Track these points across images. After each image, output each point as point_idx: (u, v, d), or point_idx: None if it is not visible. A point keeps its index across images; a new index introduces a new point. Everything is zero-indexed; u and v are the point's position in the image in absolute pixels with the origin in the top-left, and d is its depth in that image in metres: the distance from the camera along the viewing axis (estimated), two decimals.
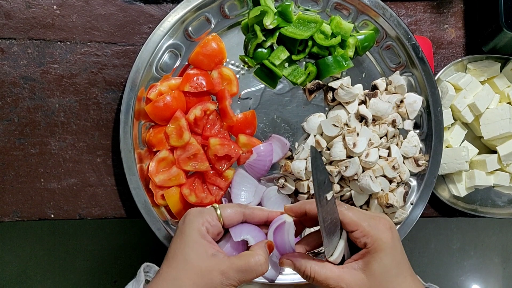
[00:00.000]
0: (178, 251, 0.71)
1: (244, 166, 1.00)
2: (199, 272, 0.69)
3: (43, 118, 0.99)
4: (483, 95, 1.05)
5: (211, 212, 0.75)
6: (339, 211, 0.74)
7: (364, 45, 1.01)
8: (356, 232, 0.73)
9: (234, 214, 0.77)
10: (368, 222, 0.72)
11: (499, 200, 1.12)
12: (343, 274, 0.73)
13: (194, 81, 0.96)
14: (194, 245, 0.71)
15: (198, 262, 0.70)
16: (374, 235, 0.71)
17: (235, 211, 0.77)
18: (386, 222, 0.74)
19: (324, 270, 0.73)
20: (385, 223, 0.73)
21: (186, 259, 0.70)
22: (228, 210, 0.77)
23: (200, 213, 0.74)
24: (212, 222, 0.74)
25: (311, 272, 0.74)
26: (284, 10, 0.96)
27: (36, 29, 0.99)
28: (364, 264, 0.72)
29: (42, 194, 1.00)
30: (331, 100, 1.01)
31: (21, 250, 2.12)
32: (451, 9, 1.11)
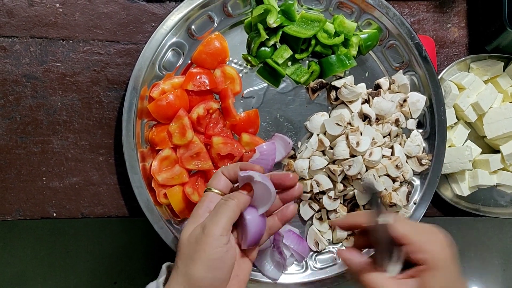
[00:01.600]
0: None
1: None
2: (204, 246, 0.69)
3: (45, 117, 0.99)
4: (487, 94, 1.05)
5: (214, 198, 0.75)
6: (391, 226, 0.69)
7: (367, 44, 1.01)
8: (408, 247, 0.68)
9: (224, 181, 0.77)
10: (420, 237, 0.68)
11: (502, 200, 1.12)
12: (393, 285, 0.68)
13: (197, 79, 0.96)
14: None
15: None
16: (432, 252, 0.67)
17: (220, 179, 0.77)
18: (444, 238, 0.69)
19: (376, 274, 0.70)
20: (443, 239, 0.69)
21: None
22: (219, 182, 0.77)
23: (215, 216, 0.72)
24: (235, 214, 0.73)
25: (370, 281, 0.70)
26: (287, 8, 0.96)
27: (39, 27, 0.98)
28: (421, 283, 0.66)
29: (44, 193, 0.99)
30: (334, 99, 1.01)
31: (21, 250, 2.11)
32: (454, 8, 1.11)
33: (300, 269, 1.02)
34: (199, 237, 0.69)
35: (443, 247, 0.68)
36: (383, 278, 0.69)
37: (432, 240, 0.68)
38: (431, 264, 0.66)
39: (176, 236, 0.95)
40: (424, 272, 0.67)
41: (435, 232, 0.70)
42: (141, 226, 2.10)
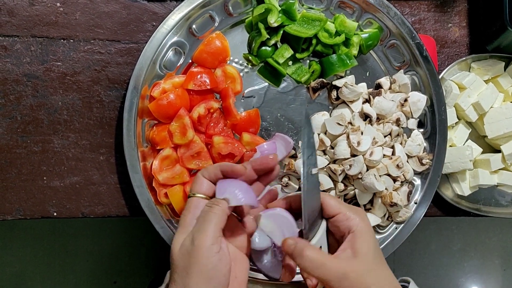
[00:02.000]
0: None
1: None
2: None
3: (46, 116, 0.99)
4: (487, 94, 1.05)
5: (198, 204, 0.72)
6: (322, 197, 0.75)
7: (368, 44, 1.01)
8: (338, 216, 0.74)
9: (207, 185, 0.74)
10: (348, 208, 0.74)
11: (503, 200, 1.12)
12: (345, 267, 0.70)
13: (197, 79, 0.96)
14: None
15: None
16: (358, 218, 0.73)
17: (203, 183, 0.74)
18: (362, 211, 0.76)
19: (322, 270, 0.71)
20: (362, 211, 0.75)
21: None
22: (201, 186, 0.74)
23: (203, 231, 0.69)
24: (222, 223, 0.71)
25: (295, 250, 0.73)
26: (288, 8, 0.96)
27: (39, 26, 0.98)
28: (354, 250, 0.71)
29: (44, 192, 0.99)
30: (335, 99, 1.01)
31: (21, 250, 2.11)
32: (455, 8, 1.11)
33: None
34: (189, 249, 0.68)
35: (364, 217, 0.74)
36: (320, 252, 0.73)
37: (356, 212, 0.74)
38: (358, 230, 0.72)
39: None
40: (354, 238, 0.72)
41: (356, 207, 0.76)
42: (141, 225, 2.10)
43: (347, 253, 0.72)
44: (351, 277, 0.70)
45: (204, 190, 0.74)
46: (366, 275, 0.70)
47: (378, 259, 0.72)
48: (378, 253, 0.73)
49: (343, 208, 0.74)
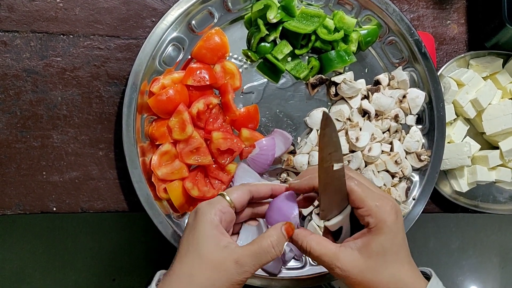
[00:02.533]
0: (191, 247, 0.70)
1: (247, 161, 1.00)
2: (213, 265, 0.69)
3: (45, 111, 0.99)
4: (486, 90, 1.05)
5: (220, 200, 0.75)
6: (348, 185, 0.72)
7: (367, 40, 1.01)
8: (361, 210, 0.71)
9: (242, 195, 0.77)
10: (375, 202, 0.71)
11: (501, 196, 1.12)
12: (338, 252, 0.72)
13: (197, 74, 0.96)
14: (207, 238, 0.70)
15: (211, 255, 0.69)
16: (379, 216, 0.70)
17: (242, 192, 0.77)
18: (393, 205, 0.72)
19: (320, 246, 0.73)
20: (392, 206, 0.72)
21: (199, 254, 0.69)
22: (236, 193, 0.77)
23: (210, 204, 0.74)
24: (224, 209, 0.74)
25: (307, 246, 0.74)
26: (287, 4, 0.96)
27: (39, 22, 0.98)
28: (363, 244, 0.71)
29: (44, 187, 0.99)
30: (334, 95, 1.01)
31: (20, 247, 2.12)
32: (453, 5, 1.11)
33: (299, 264, 1.02)
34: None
35: (390, 214, 0.71)
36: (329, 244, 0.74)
37: (383, 207, 0.71)
38: (377, 227, 0.70)
39: (176, 231, 0.96)
40: (368, 234, 0.71)
41: (387, 200, 0.72)
42: (140, 223, 2.11)
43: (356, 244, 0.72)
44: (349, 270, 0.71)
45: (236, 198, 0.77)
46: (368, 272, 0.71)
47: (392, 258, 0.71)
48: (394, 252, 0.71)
49: (368, 201, 0.71)
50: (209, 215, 0.72)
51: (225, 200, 0.75)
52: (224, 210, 0.74)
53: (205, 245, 0.70)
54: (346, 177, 0.72)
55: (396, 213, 0.72)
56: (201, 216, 0.72)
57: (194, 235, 0.71)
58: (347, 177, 0.72)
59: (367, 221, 0.71)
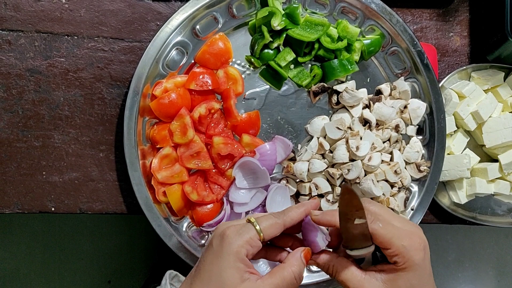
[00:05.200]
0: (214, 276, 0.67)
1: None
2: None
3: (47, 111, 0.99)
4: (487, 103, 1.06)
5: (250, 230, 0.70)
6: (372, 228, 0.69)
7: (370, 50, 1.02)
8: (389, 251, 0.70)
9: (274, 228, 0.71)
10: (402, 242, 0.69)
11: (499, 209, 1.12)
12: (364, 281, 0.71)
13: (199, 79, 0.96)
14: (231, 270, 0.67)
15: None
16: (407, 256, 0.68)
17: (275, 224, 0.72)
18: (421, 242, 0.70)
19: (346, 272, 0.72)
20: (420, 242, 0.70)
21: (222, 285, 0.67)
22: (267, 223, 0.71)
23: (239, 234, 0.69)
24: (253, 243, 0.69)
25: (334, 270, 0.73)
26: (292, 12, 0.97)
27: (44, 22, 0.99)
28: (389, 278, 0.70)
29: (43, 187, 1.00)
30: (335, 103, 1.01)
31: (16, 247, 2.11)
32: (456, 17, 1.12)
33: None
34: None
35: (418, 251, 0.69)
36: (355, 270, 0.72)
37: (411, 245, 0.69)
38: (403, 266, 0.69)
39: (174, 234, 0.96)
40: (395, 271, 0.70)
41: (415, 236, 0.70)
42: (137, 225, 2.10)
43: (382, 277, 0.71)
44: None
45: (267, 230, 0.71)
46: None
47: None
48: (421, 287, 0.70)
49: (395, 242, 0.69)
50: (236, 246, 0.68)
51: (254, 231, 0.70)
52: (253, 244, 0.69)
53: (229, 277, 0.67)
54: (368, 220, 0.70)
55: (424, 249, 0.70)
56: (228, 245, 0.68)
57: (219, 264, 0.67)
58: (370, 221, 0.70)
59: (394, 261, 0.70)
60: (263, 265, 1.00)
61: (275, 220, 0.72)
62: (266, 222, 0.71)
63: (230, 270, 0.67)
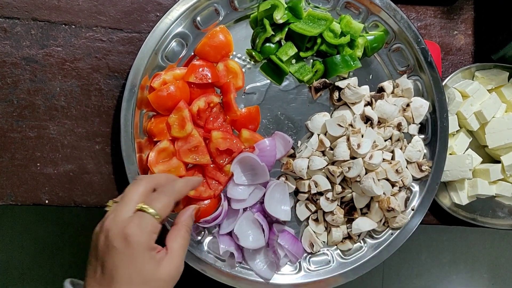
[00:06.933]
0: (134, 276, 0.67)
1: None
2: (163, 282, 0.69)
3: (43, 101, 0.97)
4: (490, 103, 1.04)
5: (149, 219, 0.69)
6: None
7: (373, 46, 1.00)
8: None
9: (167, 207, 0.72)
10: None
11: (500, 211, 1.11)
12: None
13: (199, 72, 0.94)
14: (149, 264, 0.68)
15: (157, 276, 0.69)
16: None
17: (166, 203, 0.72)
18: None
19: None
20: None
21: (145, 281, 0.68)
22: (159, 204, 0.71)
23: (142, 229, 0.68)
24: (156, 229, 0.70)
25: None
26: (294, 5, 0.95)
27: (41, 10, 0.97)
28: None
29: (37, 179, 0.98)
30: (337, 100, 1.00)
31: (8, 239, 2.10)
32: (461, 15, 1.10)
33: (293, 270, 1.00)
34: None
35: None
36: None
37: None
38: None
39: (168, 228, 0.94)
40: None
41: None
42: None
43: None
44: None
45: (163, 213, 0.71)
46: None
47: None
48: None
49: None
50: (145, 241, 0.68)
51: (153, 218, 0.69)
52: (156, 230, 0.70)
53: (149, 270, 0.68)
54: None
55: None
56: (137, 244, 0.67)
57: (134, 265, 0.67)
58: None
59: None
60: (260, 263, 0.98)
61: (167, 200, 0.73)
62: (159, 205, 0.71)
63: (149, 264, 0.68)
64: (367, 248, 1.02)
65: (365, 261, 1.01)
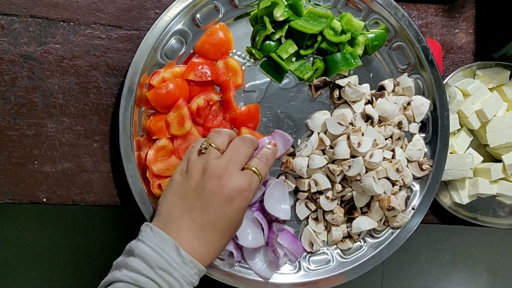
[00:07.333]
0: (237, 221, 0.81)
1: None
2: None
3: (40, 99, 0.96)
4: (491, 102, 1.04)
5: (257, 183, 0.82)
6: None
7: (374, 44, 0.99)
8: None
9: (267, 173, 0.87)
10: None
11: (501, 210, 1.10)
12: None
13: (198, 69, 0.94)
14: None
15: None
16: None
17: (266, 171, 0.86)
18: None
19: None
20: None
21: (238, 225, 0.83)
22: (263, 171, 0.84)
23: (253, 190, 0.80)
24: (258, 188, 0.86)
25: None
26: (295, 3, 0.94)
27: (39, 7, 0.96)
28: None
29: (35, 177, 0.97)
30: (337, 98, 0.99)
31: (6, 238, 2.09)
32: (462, 14, 1.09)
33: (293, 269, 1.00)
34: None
35: None
36: None
37: None
38: None
39: None
40: None
41: None
42: (129, 219, 2.08)
43: None
44: None
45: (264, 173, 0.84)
46: None
47: None
48: None
49: None
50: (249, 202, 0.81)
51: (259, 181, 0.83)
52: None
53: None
54: None
55: None
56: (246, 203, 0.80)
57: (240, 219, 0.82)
58: None
59: None
60: (259, 262, 0.98)
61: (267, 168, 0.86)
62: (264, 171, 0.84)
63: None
64: (367, 247, 1.02)
65: (365, 260, 1.01)
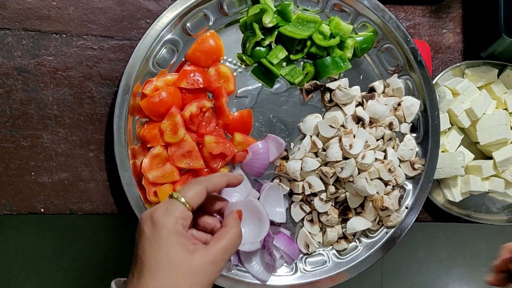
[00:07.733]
0: (162, 260, 0.66)
1: (242, 166, 0.99)
2: (192, 273, 0.66)
3: (35, 111, 0.97)
4: (480, 100, 1.05)
5: (177, 205, 0.69)
6: None
7: (363, 47, 1.01)
8: None
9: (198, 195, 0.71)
10: None
11: (493, 207, 1.12)
12: None
13: (190, 77, 0.95)
14: (176, 248, 0.66)
15: (187, 264, 0.66)
16: None
17: (198, 191, 0.72)
18: None
19: None
20: None
21: (173, 266, 0.66)
22: (191, 193, 0.71)
23: (169, 212, 0.68)
24: (185, 215, 0.69)
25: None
26: (283, 9, 0.96)
27: (32, 20, 0.97)
28: None
29: (32, 188, 0.98)
30: (328, 101, 1.00)
31: (6, 247, 2.09)
32: (449, 14, 1.11)
33: (290, 271, 1.01)
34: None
35: None
36: None
37: None
38: None
39: None
40: None
41: None
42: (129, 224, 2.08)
43: None
44: None
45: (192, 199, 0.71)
46: None
47: None
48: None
49: None
50: (171, 224, 0.67)
51: (181, 205, 0.69)
52: (185, 216, 0.69)
53: (177, 255, 0.66)
54: None
55: None
56: (162, 227, 0.67)
57: (162, 247, 0.66)
58: None
59: None
60: (256, 265, 0.99)
61: (199, 188, 0.72)
62: (190, 192, 0.71)
63: (175, 248, 0.66)
64: (363, 247, 1.03)
65: (361, 260, 1.02)
